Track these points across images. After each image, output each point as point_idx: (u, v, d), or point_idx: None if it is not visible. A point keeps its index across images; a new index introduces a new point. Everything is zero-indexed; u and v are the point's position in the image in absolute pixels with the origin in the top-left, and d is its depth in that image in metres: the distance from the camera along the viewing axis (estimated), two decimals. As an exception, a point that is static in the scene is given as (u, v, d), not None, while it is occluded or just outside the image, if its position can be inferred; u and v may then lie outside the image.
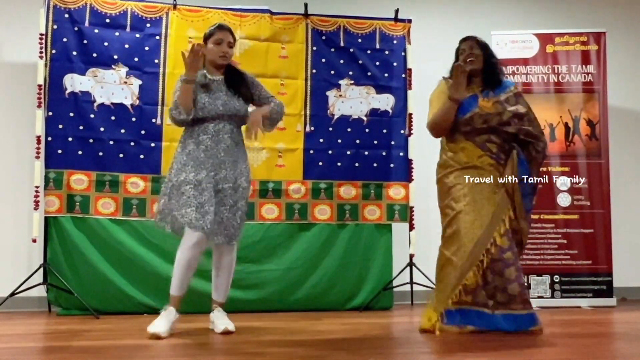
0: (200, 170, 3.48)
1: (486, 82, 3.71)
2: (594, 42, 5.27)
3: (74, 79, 4.66)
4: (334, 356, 2.87)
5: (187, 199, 3.42)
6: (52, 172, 4.58)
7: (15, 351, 3.10)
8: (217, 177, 3.51)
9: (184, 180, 3.46)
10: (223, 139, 3.54)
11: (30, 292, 4.50)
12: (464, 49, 3.71)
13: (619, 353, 3.07)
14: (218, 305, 3.71)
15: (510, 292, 3.46)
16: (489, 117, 3.60)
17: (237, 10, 4.95)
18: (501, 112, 3.61)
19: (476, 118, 3.59)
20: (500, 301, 3.48)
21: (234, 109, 3.57)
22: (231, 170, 3.54)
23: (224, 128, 3.55)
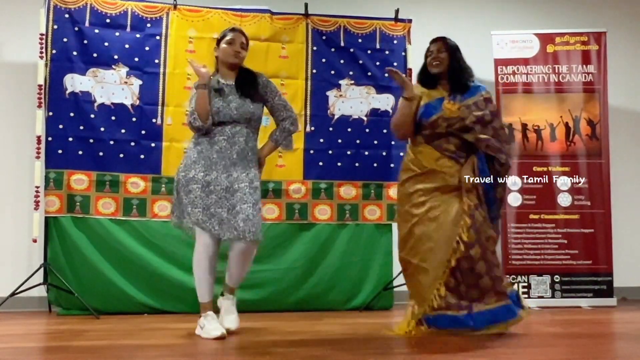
0: (210, 171, 3.48)
1: (453, 85, 3.63)
2: (595, 42, 5.27)
3: (74, 79, 4.66)
4: (334, 356, 2.87)
5: (195, 199, 3.44)
6: (53, 172, 4.58)
7: (15, 351, 3.10)
8: (230, 178, 3.48)
9: (192, 178, 3.47)
10: (238, 142, 3.53)
11: (31, 292, 4.50)
12: (432, 50, 3.65)
13: (619, 353, 3.07)
14: (228, 290, 3.66)
15: (483, 287, 3.40)
16: (453, 121, 3.52)
17: (237, 10, 4.95)
18: (465, 117, 3.52)
19: (440, 122, 3.52)
20: (473, 298, 3.41)
21: (248, 113, 3.56)
22: (243, 173, 3.51)
23: (240, 131, 3.55)
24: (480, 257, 3.40)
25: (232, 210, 3.42)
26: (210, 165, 3.48)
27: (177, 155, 4.72)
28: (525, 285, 5.02)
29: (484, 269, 3.40)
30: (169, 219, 4.65)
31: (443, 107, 3.54)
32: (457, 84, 3.63)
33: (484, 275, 3.40)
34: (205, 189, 3.45)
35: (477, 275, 3.40)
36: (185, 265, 4.63)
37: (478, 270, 3.39)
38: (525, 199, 5.12)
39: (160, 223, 4.70)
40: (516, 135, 5.17)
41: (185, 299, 4.61)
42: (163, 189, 4.74)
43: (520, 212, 5.11)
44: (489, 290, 3.41)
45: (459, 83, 3.62)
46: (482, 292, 3.41)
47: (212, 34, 4.86)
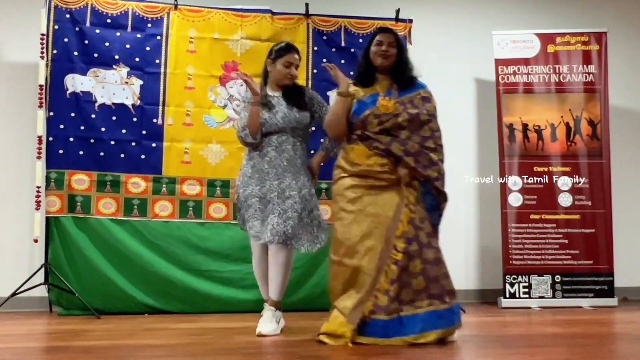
0: (264, 182, 3.63)
1: (396, 81, 3.45)
2: (595, 42, 5.27)
3: (75, 79, 4.66)
4: (335, 356, 2.87)
5: (254, 212, 3.62)
6: (54, 172, 4.58)
7: (16, 351, 3.10)
8: (282, 185, 3.61)
9: (250, 193, 3.64)
10: (286, 150, 3.65)
11: (32, 292, 4.50)
12: (381, 40, 3.43)
13: (620, 353, 3.06)
14: (268, 303, 3.69)
15: (415, 287, 3.16)
16: (385, 117, 3.32)
17: (238, 10, 4.95)
18: (398, 114, 3.33)
19: (371, 118, 3.33)
20: (404, 299, 3.16)
21: (294, 121, 3.66)
22: (294, 181, 3.62)
23: (287, 140, 3.66)
24: (418, 255, 3.19)
25: (283, 215, 3.54)
26: (264, 177, 3.63)
27: (178, 155, 4.74)
28: (526, 285, 5.01)
29: (419, 269, 3.18)
30: (170, 219, 4.70)
31: (377, 103, 3.37)
32: (401, 79, 3.45)
33: (419, 275, 3.18)
34: (263, 201, 3.62)
35: (410, 274, 3.17)
36: (186, 265, 4.66)
37: (412, 269, 3.18)
38: (526, 199, 5.12)
39: (161, 223, 4.70)
40: (517, 136, 5.17)
41: (186, 299, 4.61)
42: (164, 189, 4.74)
43: (521, 212, 5.10)
44: (420, 291, 3.16)
45: (402, 79, 3.45)
46: (414, 293, 3.16)
47: (213, 34, 4.88)
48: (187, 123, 4.81)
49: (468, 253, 5.54)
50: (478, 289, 5.50)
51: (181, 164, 4.76)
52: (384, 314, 3.15)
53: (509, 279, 5.03)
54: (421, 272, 3.18)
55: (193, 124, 4.81)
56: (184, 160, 4.78)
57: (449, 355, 2.99)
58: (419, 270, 3.18)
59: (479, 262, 5.55)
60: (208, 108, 4.84)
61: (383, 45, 3.44)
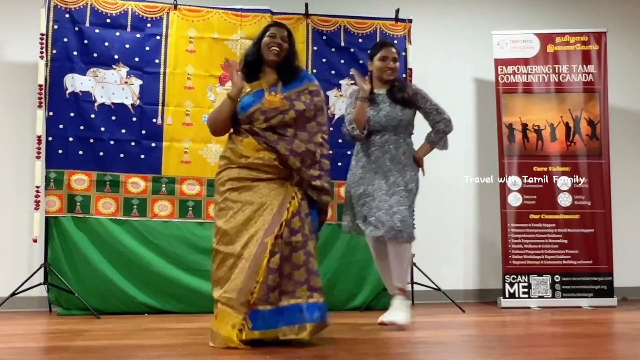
0: (373, 181, 3.82)
1: (282, 75, 3.38)
2: (595, 42, 5.27)
3: (74, 79, 4.66)
4: (335, 356, 2.87)
5: (369, 211, 3.78)
6: (53, 172, 4.58)
7: (16, 351, 3.10)
8: (389, 182, 3.80)
9: (362, 192, 3.83)
10: (388, 150, 3.84)
11: (31, 292, 4.50)
12: (274, 34, 3.38)
13: (619, 353, 3.06)
14: (397, 290, 3.83)
15: (297, 279, 3.11)
16: (271, 114, 3.25)
17: (237, 10, 4.95)
18: (285, 110, 3.27)
19: (257, 114, 3.25)
20: (284, 290, 3.10)
21: (397, 119, 3.84)
22: (400, 176, 3.81)
23: (389, 139, 3.85)
24: (302, 247, 3.15)
25: (390, 211, 3.69)
26: (372, 176, 3.83)
27: (178, 155, 4.74)
28: (525, 285, 5.01)
29: (302, 260, 3.14)
30: (169, 219, 4.70)
31: (263, 99, 3.28)
32: (287, 73, 3.39)
33: (301, 267, 3.13)
34: (371, 198, 3.79)
35: (293, 265, 3.13)
36: (186, 265, 4.66)
37: (295, 260, 3.13)
38: (525, 199, 5.12)
39: (161, 223, 4.70)
40: (516, 136, 5.17)
41: (186, 298, 4.61)
42: (163, 189, 4.74)
43: (521, 212, 5.10)
44: (302, 282, 3.11)
45: (289, 73, 3.39)
46: (296, 284, 3.11)
47: (213, 34, 4.88)
48: (186, 123, 4.81)
49: (467, 253, 5.54)
50: (477, 289, 5.51)
51: (181, 163, 4.76)
52: (265, 304, 3.07)
53: (508, 279, 5.03)
54: (303, 263, 3.13)
55: (192, 123, 4.81)
56: (184, 160, 4.78)
57: (449, 355, 2.99)
58: (302, 262, 3.14)
59: (479, 262, 5.55)
60: (208, 108, 4.83)
61: (276, 38, 3.38)
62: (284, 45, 3.38)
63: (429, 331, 3.66)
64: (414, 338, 3.47)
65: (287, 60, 3.40)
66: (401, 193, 3.76)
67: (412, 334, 3.61)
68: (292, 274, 3.11)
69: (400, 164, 3.83)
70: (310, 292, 3.10)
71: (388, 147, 3.84)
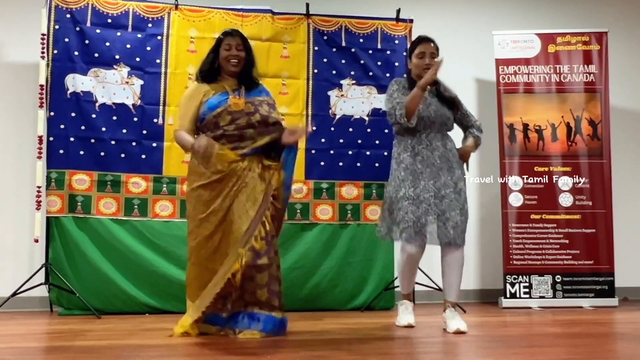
0: (418, 183, 3.65)
1: (243, 82, 3.58)
2: (596, 42, 5.27)
3: (75, 79, 4.66)
4: (336, 356, 2.87)
5: (405, 215, 3.63)
6: (54, 172, 4.58)
7: (17, 351, 3.10)
8: (437, 184, 3.66)
9: (403, 196, 3.66)
10: (436, 147, 3.72)
11: (32, 292, 4.51)
12: (230, 45, 3.55)
13: (620, 353, 3.06)
14: (450, 304, 3.73)
15: (258, 297, 3.36)
16: (237, 115, 3.45)
17: (238, 10, 4.95)
18: (251, 113, 3.47)
19: (224, 115, 3.44)
20: (248, 301, 3.38)
21: (444, 117, 3.77)
22: (449, 176, 3.70)
23: (436, 136, 3.74)
24: (266, 269, 3.36)
25: (442, 217, 3.61)
26: (417, 177, 3.66)
27: (179, 155, 4.73)
28: (526, 285, 5.01)
29: (265, 281, 3.36)
30: (170, 219, 4.70)
31: (229, 101, 3.47)
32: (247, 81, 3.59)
33: (263, 287, 3.35)
34: (416, 202, 3.63)
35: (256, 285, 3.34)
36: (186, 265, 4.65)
37: (259, 280, 3.34)
38: (526, 199, 5.12)
39: (162, 223, 4.70)
40: (517, 136, 5.17)
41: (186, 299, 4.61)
42: (164, 189, 4.74)
43: (522, 212, 5.10)
44: (262, 302, 3.36)
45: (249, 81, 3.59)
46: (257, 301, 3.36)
47: (213, 34, 4.86)
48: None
49: (468, 253, 5.48)
50: (478, 289, 5.50)
51: (182, 163, 4.75)
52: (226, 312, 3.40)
53: (509, 279, 5.03)
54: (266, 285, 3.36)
55: (193, 123, 4.80)
56: (185, 160, 4.75)
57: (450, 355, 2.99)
58: (265, 283, 3.36)
59: (480, 262, 5.55)
60: (208, 108, 4.83)
61: (232, 50, 3.54)
62: (241, 55, 3.55)
63: (429, 331, 3.66)
64: (415, 338, 3.47)
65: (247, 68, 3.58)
66: (450, 196, 3.64)
67: (413, 334, 3.61)
68: (255, 292, 3.36)
69: (449, 162, 3.72)
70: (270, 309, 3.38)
71: (436, 145, 3.71)
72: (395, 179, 3.73)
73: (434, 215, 3.60)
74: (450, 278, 3.73)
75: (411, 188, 3.64)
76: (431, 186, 3.63)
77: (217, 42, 3.60)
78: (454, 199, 3.65)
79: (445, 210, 3.61)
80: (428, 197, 3.61)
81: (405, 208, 3.62)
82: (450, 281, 3.73)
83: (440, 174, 3.67)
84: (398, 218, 3.66)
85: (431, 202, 3.61)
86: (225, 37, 3.58)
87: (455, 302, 3.76)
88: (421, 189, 3.63)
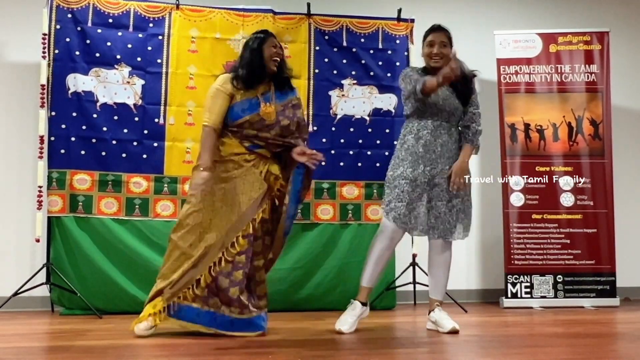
0: (417, 166, 3.61)
1: (274, 83, 3.58)
2: (597, 42, 5.26)
3: (76, 79, 4.66)
4: (336, 356, 2.87)
5: (401, 193, 3.58)
6: (55, 172, 4.58)
7: (18, 351, 3.11)
8: (434, 171, 3.62)
9: (400, 174, 3.62)
10: (441, 135, 3.67)
11: (33, 291, 4.51)
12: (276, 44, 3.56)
13: (621, 353, 3.06)
14: (438, 303, 3.70)
15: (231, 295, 3.37)
16: (259, 125, 3.47)
17: (239, 10, 4.95)
18: (271, 125, 3.48)
19: (246, 125, 3.46)
20: (223, 300, 3.39)
21: (452, 106, 3.69)
22: (447, 166, 3.65)
23: (442, 125, 3.68)
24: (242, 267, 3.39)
25: (428, 204, 3.60)
26: (417, 159, 3.62)
27: (180, 155, 4.74)
28: (527, 285, 5.01)
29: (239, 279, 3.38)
30: (171, 219, 4.70)
31: (259, 109, 3.47)
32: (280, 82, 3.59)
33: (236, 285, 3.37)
34: (412, 184, 3.59)
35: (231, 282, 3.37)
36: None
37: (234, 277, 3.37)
38: (527, 199, 5.11)
39: (163, 222, 4.70)
40: (519, 135, 5.16)
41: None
42: (165, 189, 4.74)
43: (523, 212, 5.10)
44: (234, 300, 3.38)
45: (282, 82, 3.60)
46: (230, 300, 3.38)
47: (215, 33, 4.87)
48: (188, 123, 4.81)
49: (470, 253, 5.53)
50: (480, 289, 5.50)
51: (183, 163, 4.76)
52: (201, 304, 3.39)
53: (510, 279, 5.03)
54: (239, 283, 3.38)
55: (195, 123, 4.80)
56: (186, 160, 4.77)
57: (451, 354, 2.99)
58: (238, 281, 3.38)
59: (481, 262, 5.55)
60: (210, 108, 4.83)
61: (277, 49, 3.55)
62: (281, 52, 3.57)
63: (430, 331, 3.66)
64: (416, 338, 3.47)
65: (280, 69, 3.58)
66: (442, 186, 3.61)
67: (414, 334, 3.61)
68: (228, 290, 3.37)
69: (450, 152, 3.67)
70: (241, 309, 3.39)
71: (440, 132, 3.66)
72: (396, 158, 3.72)
73: (424, 202, 3.58)
74: (436, 275, 3.70)
75: (409, 169, 3.60)
76: (427, 172, 3.60)
77: (260, 40, 3.54)
78: (445, 189, 3.62)
79: (432, 199, 3.60)
80: (424, 182, 3.59)
81: (402, 187, 3.59)
82: (435, 278, 3.71)
83: (439, 161, 3.63)
84: (393, 196, 3.61)
85: (425, 188, 3.59)
86: (267, 36, 3.57)
87: (441, 301, 3.72)
88: (419, 172, 3.60)
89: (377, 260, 3.67)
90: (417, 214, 3.58)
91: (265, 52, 3.51)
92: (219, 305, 3.40)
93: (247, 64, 3.51)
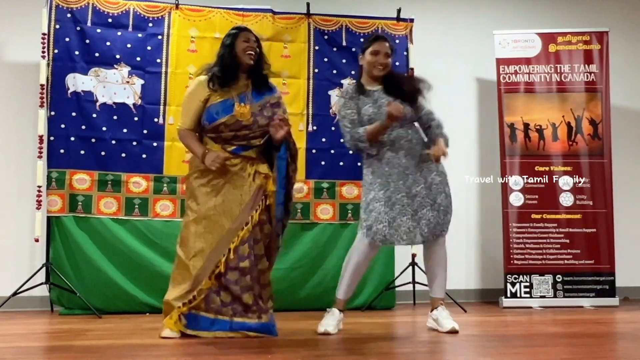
0: (388, 185, 3.51)
1: (252, 82, 3.53)
2: (597, 42, 5.26)
3: (76, 79, 4.66)
4: (336, 356, 2.87)
5: (378, 215, 3.47)
6: (55, 171, 4.58)
7: (17, 351, 3.11)
8: (407, 183, 3.52)
9: (373, 198, 3.51)
10: (401, 146, 3.54)
11: (33, 291, 4.51)
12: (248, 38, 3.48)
13: (621, 353, 3.06)
14: (439, 302, 3.66)
15: (245, 302, 3.35)
16: (237, 126, 3.42)
17: (239, 9, 4.95)
18: (250, 126, 3.43)
19: (222, 127, 3.42)
20: (237, 310, 3.36)
21: None
22: (417, 172, 3.55)
23: (399, 134, 3.54)
24: (249, 272, 3.37)
25: (415, 216, 3.50)
26: (386, 180, 3.52)
27: (179, 154, 4.74)
28: (527, 285, 5.01)
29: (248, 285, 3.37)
30: (171, 218, 4.70)
31: (234, 110, 3.42)
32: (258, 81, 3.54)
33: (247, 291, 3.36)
34: (388, 203, 3.48)
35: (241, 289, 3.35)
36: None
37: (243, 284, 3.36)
38: (527, 199, 5.11)
39: (162, 222, 4.70)
40: (518, 135, 5.16)
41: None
42: (165, 189, 4.74)
43: (522, 212, 5.10)
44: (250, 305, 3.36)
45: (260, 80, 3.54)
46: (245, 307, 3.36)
47: (214, 33, 4.87)
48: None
49: (469, 253, 5.54)
50: (479, 289, 5.50)
51: (182, 163, 4.75)
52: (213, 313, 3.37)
53: (510, 279, 5.03)
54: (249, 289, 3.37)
55: (194, 123, 4.80)
56: (185, 160, 4.75)
57: (451, 354, 2.99)
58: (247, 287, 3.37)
59: (480, 261, 5.55)
60: (209, 107, 4.83)
61: (250, 43, 3.48)
62: (256, 49, 3.50)
63: (430, 331, 3.66)
64: (416, 337, 3.47)
65: (258, 65, 3.52)
66: (422, 193, 3.51)
67: (413, 334, 3.61)
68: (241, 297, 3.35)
69: (415, 158, 3.54)
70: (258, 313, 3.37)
71: (400, 144, 3.52)
72: (365, 183, 3.61)
73: (409, 215, 3.49)
74: (434, 274, 3.67)
75: (380, 191, 3.50)
76: (401, 186, 3.50)
77: (232, 36, 3.50)
78: (425, 195, 3.52)
79: (417, 210, 3.50)
80: (400, 198, 3.49)
81: (378, 209, 3.47)
82: (434, 278, 3.67)
83: (407, 173, 3.52)
84: (371, 219, 3.48)
85: (404, 203, 3.48)
86: (240, 31, 3.52)
87: (443, 298, 3.70)
88: (392, 190, 3.49)
89: (353, 274, 3.62)
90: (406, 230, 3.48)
91: (238, 47, 3.46)
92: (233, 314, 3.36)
93: (220, 61, 3.51)
